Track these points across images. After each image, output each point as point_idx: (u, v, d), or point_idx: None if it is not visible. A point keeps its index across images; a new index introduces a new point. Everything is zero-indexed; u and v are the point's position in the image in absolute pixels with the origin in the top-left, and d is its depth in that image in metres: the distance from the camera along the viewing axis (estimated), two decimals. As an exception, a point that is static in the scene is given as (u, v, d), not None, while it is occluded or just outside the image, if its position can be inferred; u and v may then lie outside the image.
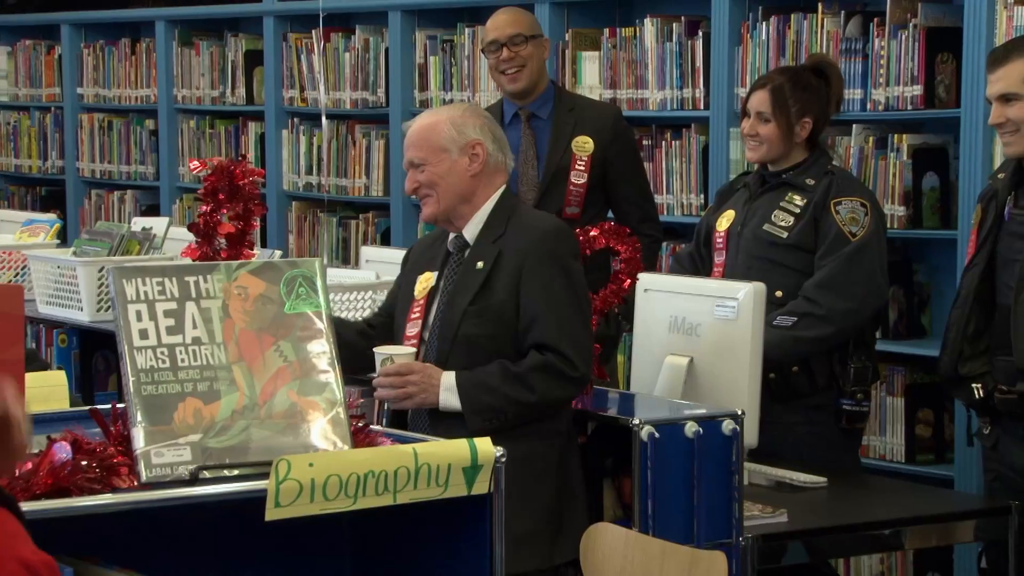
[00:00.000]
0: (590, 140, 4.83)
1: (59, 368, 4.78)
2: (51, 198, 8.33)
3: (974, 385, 4.00)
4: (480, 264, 3.57)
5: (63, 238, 6.08)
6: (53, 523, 2.09)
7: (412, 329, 3.62)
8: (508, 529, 3.30)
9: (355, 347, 3.59)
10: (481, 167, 3.60)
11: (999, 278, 3.99)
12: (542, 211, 4.03)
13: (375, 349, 3.57)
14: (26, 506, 2.10)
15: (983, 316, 4.01)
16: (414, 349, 3.56)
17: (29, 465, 2.16)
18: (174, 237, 5.21)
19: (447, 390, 3.48)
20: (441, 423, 3.43)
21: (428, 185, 3.59)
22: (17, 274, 5.45)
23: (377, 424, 3.01)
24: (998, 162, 4.36)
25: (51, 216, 6.21)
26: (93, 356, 5.34)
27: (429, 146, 3.59)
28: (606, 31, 5.85)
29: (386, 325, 3.77)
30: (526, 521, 3.45)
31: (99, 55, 7.96)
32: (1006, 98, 3.91)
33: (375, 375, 3.55)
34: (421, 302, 3.63)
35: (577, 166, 4.78)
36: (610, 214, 4.93)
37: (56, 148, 8.24)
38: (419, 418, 3.55)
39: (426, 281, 3.66)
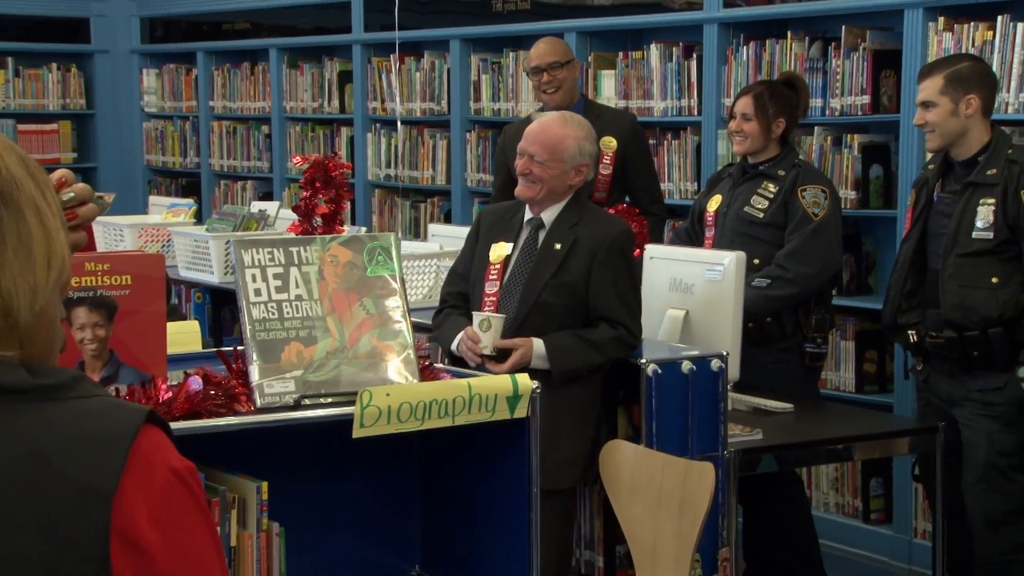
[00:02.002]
0: (613, 139, 4.80)
1: (195, 319, 4.82)
2: (189, 187, 8.36)
3: (909, 332, 3.98)
4: (558, 245, 3.56)
5: (198, 218, 6.11)
6: (187, 439, 2.09)
7: (491, 288, 3.61)
8: (556, 453, 3.32)
9: None
10: (578, 182, 3.61)
11: (930, 248, 3.96)
12: (603, 210, 3.99)
13: (474, 312, 3.57)
14: (166, 426, 2.11)
15: (917, 278, 3.98)
16: (504, 316, 3.54)
17: (171, 394, 2.17)
18: (283, 217, 5.22)
19: (538, 357, 3.49)
20: None
21: (538, 177, 3.58)
22: (163, 245, 5.47)
23: (439, 363, 3.00)
24: (929, 156, 4.32)
25: (189, 201, 6.23)
26: (222, 310, 5.36)
27: (553, 153, 3.57)
28: (620, 54, 5.81)
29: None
30: (570, 448, 3.46)
31: (226, 75, 7.97)
32: (926, 104, 3.89)
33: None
34: (498, 266, 3.62)
35: (604, 160, 4.75)
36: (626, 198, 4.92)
37: (193, 148, 8.27)
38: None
39: (501, 249, 3.64)
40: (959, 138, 3.86)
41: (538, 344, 3.49)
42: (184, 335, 2.73)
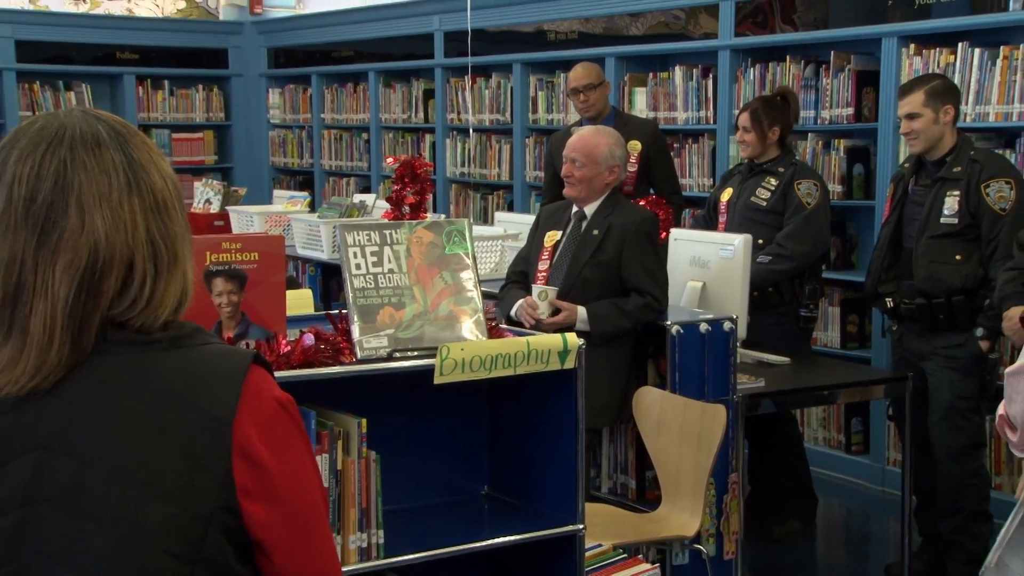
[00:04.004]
0: (638, 143, 4.74)
1: (308, 288, 4.81)
2: (305, 182, 8.39)
3: (887, 299, 3.93)
4: (596, 232, 3.53)
5: (312, 207, 6.11)
6: (302, 384, 2.08)
7: (542, 266, 3.62)
8: (594, 400, 3.27)
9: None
10: (613, 180, 3.57)
11: (905, 231, 3.90)
12: (633, 203, 3.94)
13: (534, 285, 3.57)
14: (284, 374, 2.10)
15: (894, 255, 3.92)
16: (556, 288, 3.52)
17: (289, 348, 2.16)
18: (378, 206, 5.21)
19: (581, 321, 3.45)
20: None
21: (578, 179, 3.56)
22: (284, 229, 5.49)
23: (503, 325, 2.97)
24: (902, 158, 4.24)
25: (304, 193, 6.24)
26: (330, 280, 5.36)
27: (589, 156, 3.54)
28: (650, 74, 5.74)
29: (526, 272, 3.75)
30: (606, 395, 3.42)
31: (335, 93, 7.97)
32: (911, 116, 3.79)
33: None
34: (549, 249, 3.62)
35: (631, 159, 4.69)
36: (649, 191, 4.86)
37: (308, 151, 8.29)
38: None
39: (553, 236, 3.64)
40: (938, 142, 3.77)
41: (582, 311, 3.47)
42: (300, 301, 2.73)
